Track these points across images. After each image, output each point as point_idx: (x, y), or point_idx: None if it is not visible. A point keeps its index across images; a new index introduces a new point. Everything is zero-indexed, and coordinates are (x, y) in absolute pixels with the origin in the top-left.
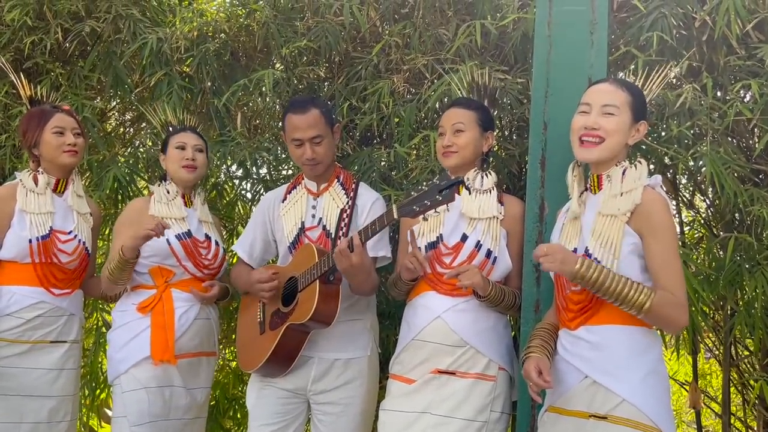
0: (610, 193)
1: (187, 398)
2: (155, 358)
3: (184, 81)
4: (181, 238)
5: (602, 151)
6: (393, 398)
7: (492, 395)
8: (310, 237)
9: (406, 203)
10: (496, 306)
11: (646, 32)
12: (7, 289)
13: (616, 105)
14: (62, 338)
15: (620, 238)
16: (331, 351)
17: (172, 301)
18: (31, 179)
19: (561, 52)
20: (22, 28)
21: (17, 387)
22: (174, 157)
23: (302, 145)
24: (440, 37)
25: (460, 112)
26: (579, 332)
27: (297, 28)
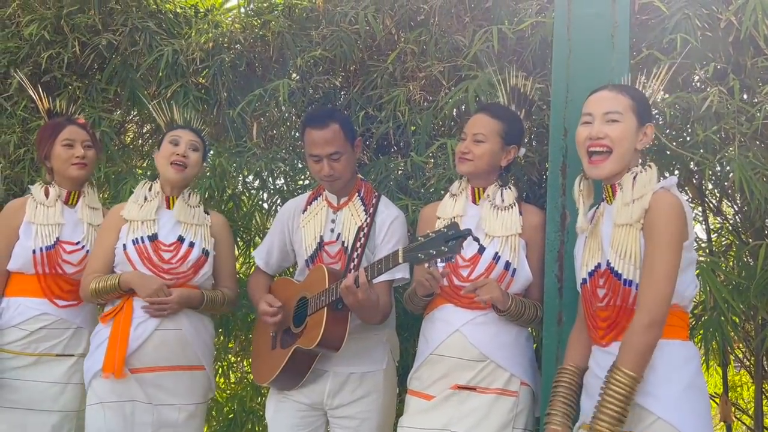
0: (623, 201)
1: (154, 415)
2: (104, 371)
3: (200, 92)
4: (137, 243)
5: (613, 163)
6: (411, 415)
7: (514, 411)
8: (329, 252)
9: (412, 248)
10: (516, 320)
11: (669, 34)
12: (14, 301)
13: (618, 111)
14: (69, 352)
15: (638, 248)
16: (345, 365)
17: (132, 310)
18: (42, 192)
19: (581, 56)
20: (40, 42)
21: (22, 400)
22: (165, 151)
23: (320, 161)
24: (456, 43)
25: (484, 120)
26: (612, 348)
27: (312, 38)
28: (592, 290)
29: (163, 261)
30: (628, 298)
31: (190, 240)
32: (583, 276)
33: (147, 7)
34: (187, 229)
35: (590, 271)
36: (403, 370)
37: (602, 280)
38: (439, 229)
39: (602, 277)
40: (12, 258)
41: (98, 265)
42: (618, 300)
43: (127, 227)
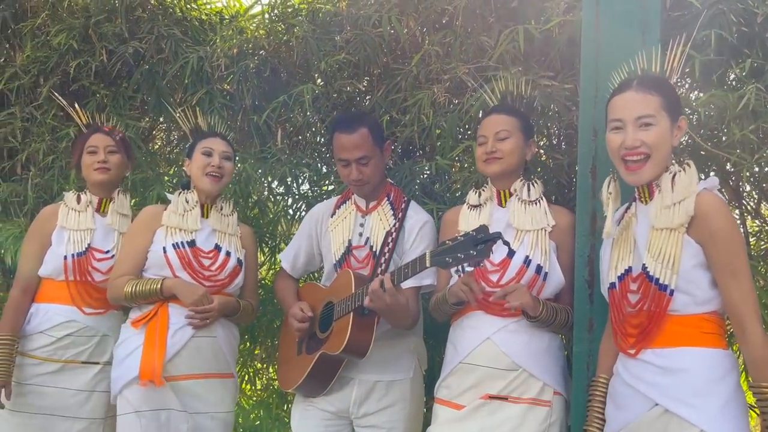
0: (662, 203)
1: (189, 422)
2: (141, 378)
3: (225, 98)
4: (178, 247)
5: (652, 168)
6: (440, 425)
7: (548, 422)
8: (357, 256)
9: (440, 252)
10: (548, 326)
11: (703, 31)
12: (42, 307)
13: (651, 114)
14: (94, 359)
15: (679, 251)
16: (372, 373)
17: (168, 316)
18: (75, 199)
19: (610, 54)
20: (69, 51)
21: (47, 406)
22: (199, 162)
23: (348, 165)
24: (482, 44)
25: (502, 119)
26: (645, 356)
27: (336, 42)
28: (622, 294)
29: (203, 267)
30: (661, 303)
31: (227, 249)
32: (611, 280)
33: (173, 14)
34: (222, 238)
35: (620, 275)
36: (430, 378)
37: (635, 284)
38: (468, 233)
39: (635, 282)
40: (43, 263)
41: (128, 266)
42: (651, 305)
43: (164, 231)
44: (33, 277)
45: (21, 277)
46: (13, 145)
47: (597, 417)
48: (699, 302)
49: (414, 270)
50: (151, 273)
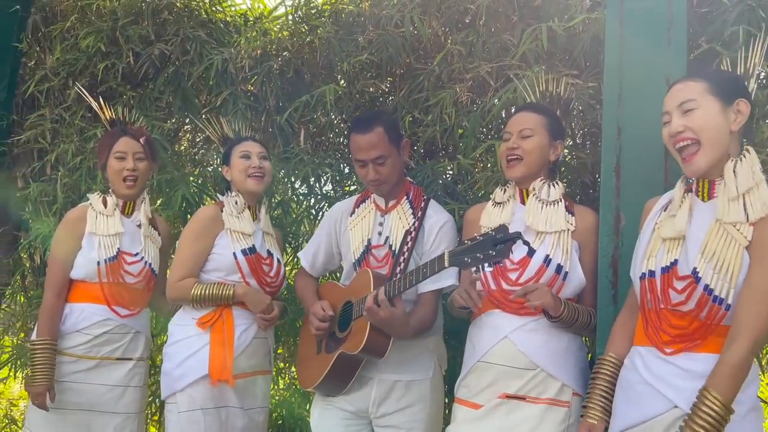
0: (728, 197)
1: (244, 419)
2: (213, 377)
3: (249, 99)
4: (247, 254)
5: (705, 156)
6: (459, 424)
7: (567, 422)
8: (376, 255)
9: (459, 252)
10: (569, 327)
11: (730, 27)
12: (77, 307)
13: (691, 98)
14: (128, 355)
15: (739, 264)
16: (391, 372)
17: (233, 318)
18: (101, 201)
19: (635, 52)
20: (97, 54)
21: (85, 402)
22: (239, 166)
23: (365, 165)
24: (505, 42)
25: (528, 116)
26: (676, 359)
27: (358, 42)
28: (663, 288)
29: (265, 274)
30: (715, 316)
31: (277, 256)
32: (650, 268)
33: (198, 16)
34: (270, 242)
35: (664, 267)
36: (451, 378)
37: (681, 284)
38: (487, 232)
39: (681, 281)
40: (75, 267)
41: (190, 269)
42: (703, 314)
43: (229, 236)
44: (65, 281)
45: (54, 281)
46: (43, 146)
47: (600, 396)
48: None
49: (432, 270)
50: (216, 276)
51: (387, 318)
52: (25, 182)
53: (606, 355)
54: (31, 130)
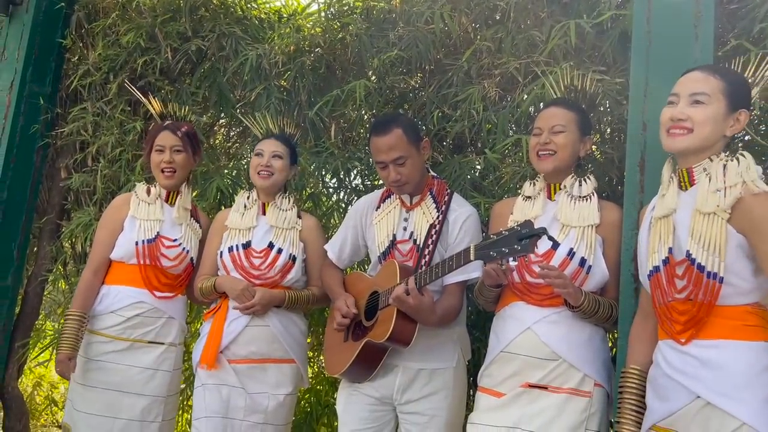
0: (710, 188)
1: (247, 400)
2: (201, 361)
3: (282, 94)
4: (232, 250)
5: (690, 140)
6: (481, 412)
7: (587, 412)
8: (401, 250)
9: (485, 246)
10: (589, 317)
11: (759, 23)
12: (114, 288)
13: (705, 93)
14: (159, 339)
15: (724, 239)
16: (415, 361)
17: (227, 309)
18: (145, 191)
19: (661, 48)
20: (136, 49)
21: (115, 382)
22: (252, 164)
23: (386, 167)
24: (533, 39)
25: (559, 112)
26: (688, 348)
27: (389, 39)
28: (668, 279)
29: (253, 267)
30: (713, 292)
31: (279, 246)
32: (655, 264)
33: (234, 13)
34: (278, 234)
35: (664, 258)
36: (475, 368)
37: (680, 269)
38: (513, 227)
39: (680, 266)
40: (115, 247)
41: (206, 268)
42: (701, 294)
43: (227, 234)
44: (104, 260)
45: (93, 259)
46: (85, 138)
47: (630, 410)
48: (743, 292)
49: (458, 263)
50: (220, 273)
51: (416, 306)
52: (68, 173)
53: (628, 368)
54: (73, 123)
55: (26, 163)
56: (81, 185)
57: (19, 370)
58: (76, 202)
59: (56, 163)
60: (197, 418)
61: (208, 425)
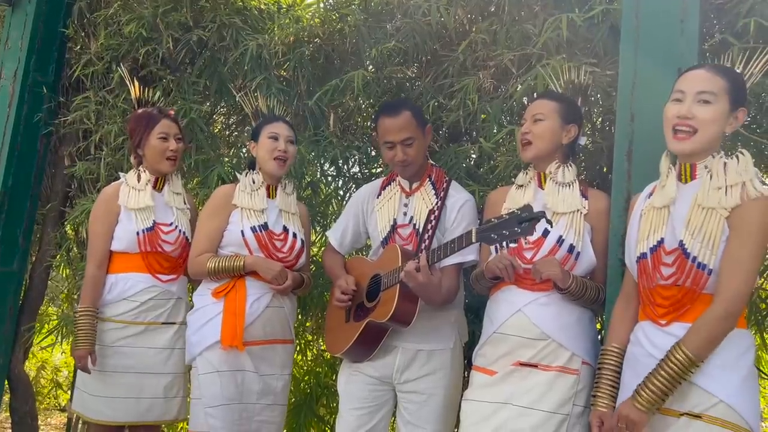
0: (712, 185)
1: (260, 384)
2: (224, 344)
3: (282, 84)
4: (256, 231)
5: (695, 143)
6: (475, 389)
7: (575, 389)
8: (401, 234)
9: (486, 229)
10: (577, 299)
11: (743, 18)
12: (122, 277)
13: (713, 92)
14: (171, 320)
15: (719, 235)
16: (414, 342)
17: (245, 288)
18: (135, 177)
19: (649, 42)
20: (138, 39)
21: (136, 365)
22: (266, 146)
23: (394, 147)
24: (527, 32)
25: (542, 103)
26: (671, 329)
27: (386, 30)
28: (654, 265)
29: (277, 249)
30: (699, 281)
31: (293, 231)
32: (642, 250)
33: (234, 4)
34: (288, 218)
35: (652, 246)
36: (469, 350)
37: (670, 258)
38: (513, 211)
39: (670, 255)
40: (115, 240)
41: (207, 245)
42: (688, 281)
43: (240, 214)
44: (105, 253)
45: (95, 253)
46: (88, 126)
47: (607, 385)
48: None
49: (460, 245)
50: (229, 250)
51: (425, 283)
52: (71, 161)
53: (609, 346)
54: (76, 111)
55: (30, 151)
56: (85, 173)
57: (24, 354)
58: (80, 189)
59: (59, 151)
60: (213, 406)
61: (225, 413)
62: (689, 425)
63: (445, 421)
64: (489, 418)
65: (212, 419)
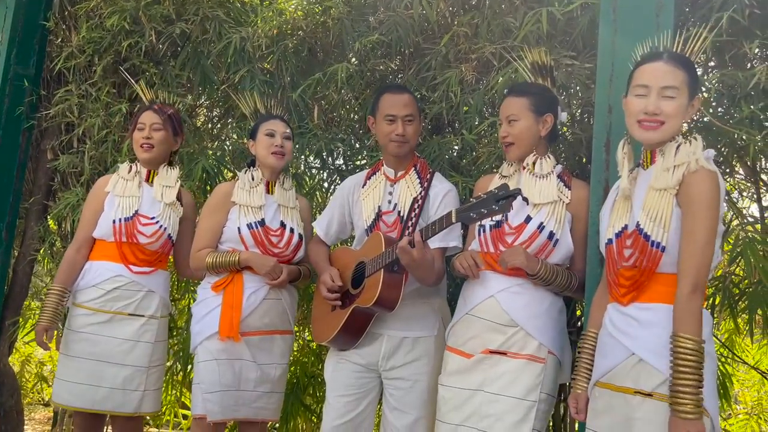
0: (663, 166)
1: (258, 372)
2: (222, 335)
3: (265, 77)
4: (252, 228)
5: (662, 134)
6: (450, 375)
7: (542, 376)
8: (386, 221)
9: (465, 209)
10: (548, 285)
11: (716, 12)
12: (95, 264)
13: (675, 87)
14: (139, 312)
15: (670, 212)
16: (399, 329)
17: (243, 282)
18: (126, 169)
19: (626, 35)
20: (120, 32)
21: (98, 353)
22: (264, 143)
23: (395, 121)
24: (507, 25)
25: (512, 102)
26: (629, 309)
27: (369, 23)
28: (618, 250)
29: (273, 245)
30: (654, 260)
31: (291, 226)
32: (609, 236)
33: None
34: (286, 213)
35: (617, 232)
36: None
37: (629, 240)
38: (490, 190)
39: (629, 238)
40: (97, 227)
41: (207, 241)
42: (645, 261)
43: (238, 210)
44: (86, 238)
45: (76, 237)
46: (71, 120)
47: (585, 368)
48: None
49: (441, 226)
50: (227, 246)
51: (419, 259)
52: (54, 154)
53: (587, 331)
54: (58, 105)
55: (12, 145)
56: (68, 166)
57: (9, 348)
58: (63, 182)
59: (42, 144)
60: (211, 392)
61: (222, 399)
62: (642, 404)
63: (430, 405)
64: (464, 404)
65: (209, 404)
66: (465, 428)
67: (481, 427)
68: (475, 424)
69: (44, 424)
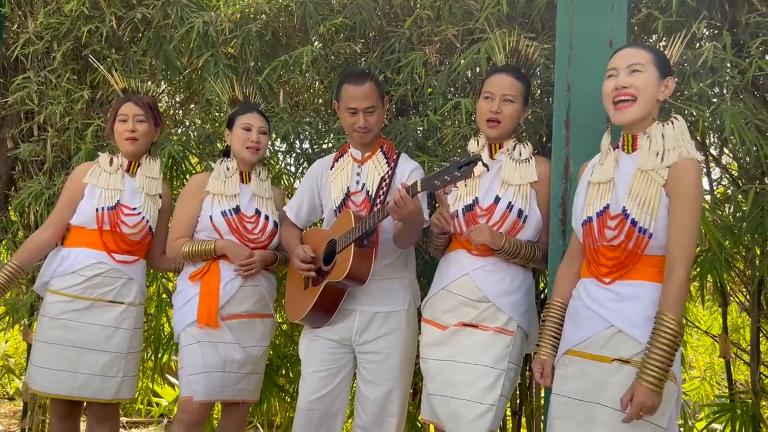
0: (651, 150)
1: (242, 354)
2: (200, 322)
3: (230, 61)
4: (226, 215)
5: (637, 110)
6: (428, 347)
7: (510, 348)
8: (355, 201)
9: (429, 178)
10: (513, 258)
11: None
12: (75, 251)
13: (641, 62)
14: (119, 299)
15: (658, 201)
16: (371, 305)
17: (219, 271)
18: (108, 161)
19: (583, 17)
20: (80, 17)
21: (77, 340)
22: (240, 137)
23: (356, 113)
24: (469, 7)
25: (512, 82)
26: (614, 287)
27: (333, 6)
28: (599, 229)
29: (248, 231)
30: (640, 244)
31: (266, 213)
32: (588, 215)
33: None
34: (261, 202)
35: (599, 211)
36: None
37: (614, 222)
38: (453, 158)
39: (614, 220)
40: (76, 213)
41: (182, 230)
42: (630, 244)
43: (211, 199)
44: (58, 222)
45: (49, 221)
46: (30, 107)
47: (550, 336)
48: (663, 246)
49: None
50: (203, 235)
51: (415, 210)
52: (14, 143)
53: (553, 300)
54: (16, 93)
55: None
56: (30, 155)
57: None
58: (25, 171)
59: (0, 133)
60: (195, 373)
61: (207, 380)
62: (619, 369)
63: (403, 376)
64: (441, 373)
65: (195, 384)
66: (439, 397)
67: (452, 394)
68: (447, 392)
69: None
